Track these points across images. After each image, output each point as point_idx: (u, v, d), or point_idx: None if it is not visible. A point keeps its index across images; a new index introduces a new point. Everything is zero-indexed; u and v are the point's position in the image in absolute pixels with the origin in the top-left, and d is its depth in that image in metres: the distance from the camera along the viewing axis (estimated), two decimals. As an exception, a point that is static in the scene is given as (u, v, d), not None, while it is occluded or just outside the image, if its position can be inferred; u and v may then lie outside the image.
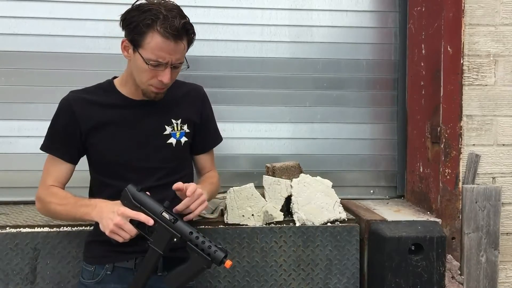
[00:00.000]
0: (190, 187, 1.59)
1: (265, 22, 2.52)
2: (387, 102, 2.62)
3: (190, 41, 1.65)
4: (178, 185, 1.60)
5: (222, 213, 2.15)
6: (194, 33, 1.64)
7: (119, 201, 1.54)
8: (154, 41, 1.54)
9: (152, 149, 1.71)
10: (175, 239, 1.50)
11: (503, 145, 2.28)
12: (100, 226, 1.53)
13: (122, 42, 1.63)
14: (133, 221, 1.50)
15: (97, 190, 1.73)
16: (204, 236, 1.50)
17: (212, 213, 2.17)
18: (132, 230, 1.49)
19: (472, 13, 2.23)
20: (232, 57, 2.50)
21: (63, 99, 1.72)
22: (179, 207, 1.58)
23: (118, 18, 1.63)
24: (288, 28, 2.54)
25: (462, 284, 2.20)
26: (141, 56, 1.57)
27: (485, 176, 2.28)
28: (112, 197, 1.60)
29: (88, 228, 1.94)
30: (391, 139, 2.63)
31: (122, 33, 1.64)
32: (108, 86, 1.75)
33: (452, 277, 2.19)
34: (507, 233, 2.30)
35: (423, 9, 2.36)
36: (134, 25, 1.56)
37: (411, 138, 2.50)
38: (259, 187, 2.13)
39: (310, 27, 2.55)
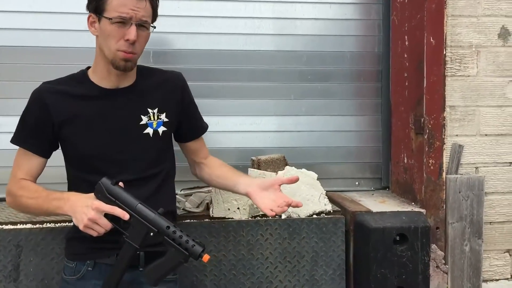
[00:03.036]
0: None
1: (249, 15, 2.51)
2: (371, 94, 2.63)
3: (153, 6, 1.64)
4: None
5: (207, 207, 2.14)
6: None
7: (92, 194, 1.51)
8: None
9: (128, 140, 1.66)
10: (151, 234, 1.48)
11: (486, 135, 2.31)
12: (74, 220, 1.50)
13: (88, 18, 1.63)
14: (108, 215, 1.47)
15: (74, 186, 1.68)
16: (181, 231, 1.48)
17: (197, 207, 2.16)
18: (107, 225, 1.47)
19: (454, 4, 2.25)
20: (215, 50, 2.49)
21: (34, 90, 1.67)
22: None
23: None
24: (272, 21, 2.53)
25: (446, 273, 2.23)
26: (106, 18, 1.57)
27: (468, 166, 2.31)
28: (90, 192, 1.54)
29: (71, 224, 1.92)
30: (376, 130, 2.64)
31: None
32: (81, 77, 1.70)
33: (436, 266, 2.21)
34: (490, 222, 2.33)
35: (406, 0, 2.37)
36: None
37: (395, 130, 2.52)
38: (245, 180, 2.13)
39: (294, 20, 2.55)
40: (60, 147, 1.71)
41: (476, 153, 2.31)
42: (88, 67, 1.74)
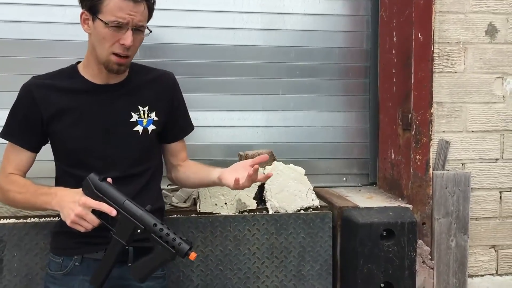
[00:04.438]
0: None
1: (237, 9, 2.48)
2: (359, 90, 2.62)
3: (150, 8, 1.62)
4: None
5: (194, 202, 2.13)
6: None
7: (80, 190, 1.50)
8: (113, 2, 1.52)
9: (117, 137, 1.66)
10: (138, 231, 1.47)
11: (472, 131, 2.32)
12: (61, 215, 1.50)
13: (81, 15, 1.60)
14: (96, 211, 1.46)
15: (62, 180, 1.68)
16: (168, 228, 1.47)
17: (184, 202, 2.15)
18: (95, 221, 1.46)
19: (442, 1, 2.25)
20: (203, 44, 2.46)
21: (24, 84, 1.66)
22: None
23: None
24: (261, 16, 2.51)
25: (432, 268, 2.24)
26: (101, 21, 1.53)
27: (455, 162, 2.32)
28: (77, 187, 1.54)
29: (56, 218, 1.89)
30: (363, 126, 2.64)
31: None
32: (71, 71, 1.69)
33: (423, 262, 2.22)
34: (476, 218, 2.34)
35: (395, -4, 2.37)
36: None
37: (383, 126, 2.52)
38: (232, 175, 2.11)
39: (283, 15, 2.53)
40: (49, 142, 1.70)
41: (462, 149, 2.32)
42: (78, 62, 1.73)
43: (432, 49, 2.22)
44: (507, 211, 2.37)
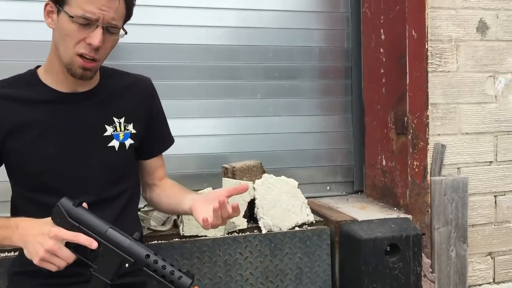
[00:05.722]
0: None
1: (210, 5, 2.24)
2: (340, 91, 2.45)
3: (128, 5, 1.36)
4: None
5: (175, 224, 1.86)
6: None
7: (49, 219, 1.22)
8: None
9: (89, 154, 1.39)
10: (127, 264, 1.20)
11: (467, 133, 2.20)
12: (26, 252, 1.20)
13: (45, 6, 1.33)
14: (69, 244, 1.19)
15: (21, 208, 1.38)
16: (164, 260, 1.21)
17: (163, 224, 1.87)
18: (69, 257, 1.18)
19: (433, -5, 2.12)
20: (173, 44, 2.20)
21: None
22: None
23: None
24: (236, 12, 2.28)
25: (433, 282, 2.09)
26: (67, 14, 1.27)
27: (450, 167, 2.19)
28: (40, 216, 1.25)
29: (13, 254, 1.57)
30: (346, 131, 2.47)
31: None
32: (30, 78, 1.40)
33: (424, 275, 2.07)
34: (472, 225, 2.22)
35: (381, -9, 2.21)
36: None
37: (370, 130, 2.35)
38: (217, 191, 1.86)
39: (259, 11, 2.32)
40: (3, 163, 1.39)
41: (457, 153, 2.19)
42: (38, 66, 1.43)
43: (426, 47, 2.07)
44: (502, 216, 2.26)
